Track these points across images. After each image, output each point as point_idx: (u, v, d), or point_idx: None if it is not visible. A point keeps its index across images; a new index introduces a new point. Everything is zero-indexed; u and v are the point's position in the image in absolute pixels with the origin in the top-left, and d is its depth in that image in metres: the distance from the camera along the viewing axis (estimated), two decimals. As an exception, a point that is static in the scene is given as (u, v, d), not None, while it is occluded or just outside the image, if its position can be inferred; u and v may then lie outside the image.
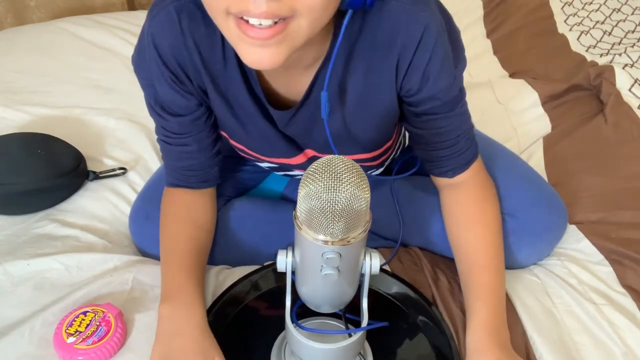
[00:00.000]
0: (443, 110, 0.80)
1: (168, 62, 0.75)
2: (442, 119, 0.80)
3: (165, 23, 0.73)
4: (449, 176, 0.87)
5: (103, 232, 1.00)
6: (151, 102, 0.82)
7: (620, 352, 0.82)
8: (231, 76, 0.76)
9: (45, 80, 1.36)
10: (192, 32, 0.73)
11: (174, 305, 0.77)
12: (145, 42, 0.76)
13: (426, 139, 0.84)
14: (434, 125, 0.81)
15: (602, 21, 1.66)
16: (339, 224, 0.56)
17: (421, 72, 0.74)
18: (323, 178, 0.55)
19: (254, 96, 0.78)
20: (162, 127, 0.83)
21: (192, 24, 0.73)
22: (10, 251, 0.94)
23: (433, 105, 0.79)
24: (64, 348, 0.76)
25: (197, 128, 0.83)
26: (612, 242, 0.98)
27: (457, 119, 0.82)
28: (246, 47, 0.61)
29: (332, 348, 0.68)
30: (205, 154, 0.86)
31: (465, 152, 0.85)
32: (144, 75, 0.80)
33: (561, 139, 1.24)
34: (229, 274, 0.91)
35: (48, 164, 1.04)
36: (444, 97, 0.78)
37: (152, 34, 0.74)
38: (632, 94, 1.31)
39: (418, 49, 0.72)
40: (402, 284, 0.86)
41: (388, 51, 0.73)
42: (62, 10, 1.79)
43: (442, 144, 0.83)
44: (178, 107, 0.80)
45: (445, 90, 0.78)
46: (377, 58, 0.74)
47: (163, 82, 0.77)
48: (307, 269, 0.63)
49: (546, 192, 0.98)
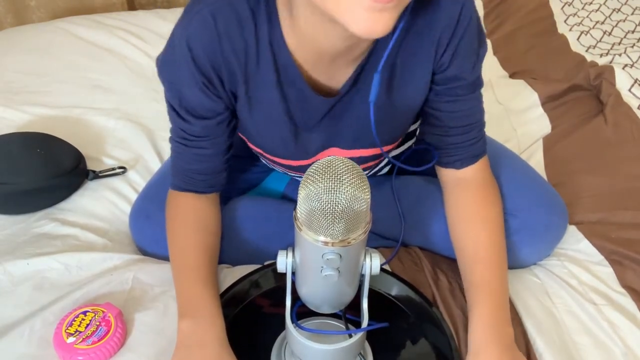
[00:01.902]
0: (463, 92, 0.82)
1: (202, 66, 0.75)
2: (461, 101, 0.83)
3: (201, 27, 0.73)
4: (456, 167, 0.88)
5: (103, 231, 1.00)
6: (174, 105, 0.81)
7: (620, 352, 0.82)
8: (265, 76, 0.76)
9: (45, 80, 1.36)
10: (228, 35, 0.73)
11: (195, 320, 0.76)
12: (175, 46, 0.75)
13: (442, 123, 0.85)
14: (452, 108, 0.84)
15: (602, 21, 1.66)
16: (339, 225, 0.56)
17: (454, 49, 0.77)
18: (323, 179, 0.55)
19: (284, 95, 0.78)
20: (182, 129, 0.82)
21: (228, 27, 0.72)
22: (10, 251, 0.94)
23: (456, 85, 0.81)
24: (63, 348, 0.76)
25: (218, 132, 0.82)
26: (612, 243, 0.98)
27: (473, 104, 0.85)
28: (361, 12, 0.59)
29: (333, 349, 0.68)
30: (219, 158, 0.85)
31: (476, 144, 0.87)
32: (170, 78, 0.79)
33: (561, 140, 1.24)
34: (229, 272, 0.91)
35: (48, 164, 1.05)
36: (467, 76, 0.81)
37: (186, 38, 0.73)
38: (632, 94, 1.31)
39: (457, 27, 0.76)
40: (402, 284, 0.86)
41: (430, 30, 0.76)
42: (62, 10, 1.79)
43: (456, 129, 0.85)
44: (205, 110, 0.80)
45: (470, 69, 0.81)
46: (420, 39, 0.76)
47: (193, 86, 0.76)
48: (307, 269, 0.63)
49: (547, 193, 0.98)
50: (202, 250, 0.84)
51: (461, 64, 0.79)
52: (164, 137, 1.23)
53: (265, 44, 0.74)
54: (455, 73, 0.80)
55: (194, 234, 0.85)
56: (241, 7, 0.72)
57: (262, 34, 0.73)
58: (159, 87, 1.37)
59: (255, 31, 0.73)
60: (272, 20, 0.73)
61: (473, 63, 0.81)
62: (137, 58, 1.47)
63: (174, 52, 0.76)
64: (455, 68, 0.79)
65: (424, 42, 0.77)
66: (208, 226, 0.88)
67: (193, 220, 0.87)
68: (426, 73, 0.80)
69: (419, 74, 0.80)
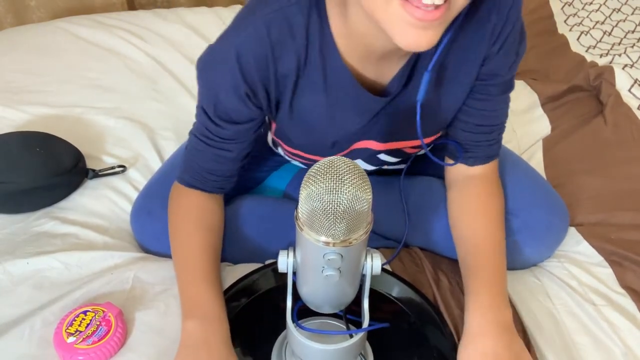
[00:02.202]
0: (495, 92, 0.84)
1: (248, 77, 0.74)
2: (492, 101, 0.84)
3: (253, 38, 0.72)
4: (469, 163, 0.89)
5: (103, 230, 1.00)
6: (207, 108, 0.80)
7: (620, 352, 0.82)
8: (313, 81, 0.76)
9: (45, 79, 1.36)
10: (280, 46, 0.73)
11: (200, 321, 0.76)
12: (221, 52, 0.75)
13: (469, 119, 0.86)
14: (482, 106, 0.84)
15: (602, 21, 1.66)
16: (341, 226, 0.56)
17: (501, 43, 0.78)
18: (325, 179, 0.55)
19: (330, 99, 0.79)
20: (208, 129, 0.82)
21: (281, 37, 0.72)
22: (10, 250, 0.93)
23: (491, 83, 0.82)
24: (64, 348, 0.76)
25: (246, 136, 0.83)
26: (611, 244, 0.98)
27: (502, 106, 0.86)
28: (407, 28, 0.61)
29: (333, 349, 0.68)
30: (237, 163, 0.86)
31: (493, 145, 0.89)
32: (209, 82, 0.78)
33: (561, 140, 1.24)
34: (230, 271, 0.91)
35: (47, 163, 1.04)
36: (504, 75, 0.82)
37: (236, 47, 0.73)
38: (631, 94, 1.31)
39: (506, 22, 0.76)
40: (403, 284, 0.86)
41: (482, 26, 0.76)
42: (62, 10, 1.79)
43: (480, 127, 0.86)
44: (240, 116, 0.80)
45: (507, 68, 0.82)
46: (471, 35, 0.77)
47: (232, 94, 0.76)
48: (308, 269, 0.63)
49: (548, 194, 0.98)
50: (205, 249, 0.84)
51: (501, 61, 0.81)
52: (163, 136, 1.23)
53: (316, 49, 0.74)
54: (493, 69, 0.81)
55: (197, 231, 0.85)
56: (295, 15, 0.72)
57: (313, 39, 0.73)
58: (158, 87, 1.39)
59: (307, 38, 0.73)
60: (323, 25, 0.73)
61: (511, 62, 0.82)
62: (137, 58, 1.47)
63: (217, 58, 0.76)
64: (495, 64, 0.80)
65: (475, 40, 0.78)
66: (211, 224, 0.87)
67: (196, 218, 0.86)
68: (474, 70, 0.81)
69: (467, 70, 0.81)
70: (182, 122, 1.27)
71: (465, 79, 0.82)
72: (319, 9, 0.72)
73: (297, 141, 0.88)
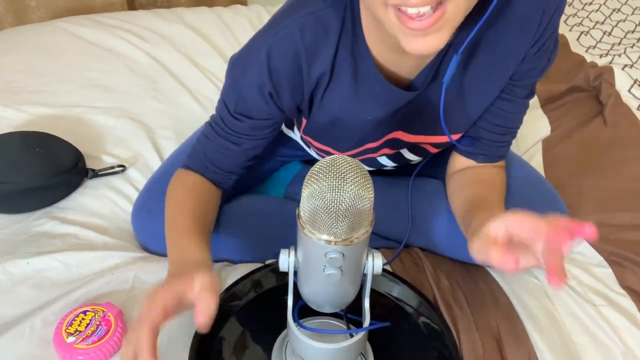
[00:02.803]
0: (521, 94, 0.84)
1: (275, 78, 0.75)
2: (514, 103, 0.85)
3: (287, 40, 0.73)
4: (478, 160, 0.90)
5: (103, 229, 1.00)
6: (228, 101, 0.81)
7: (620, 352, 0.82)
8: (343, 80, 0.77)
9: (45, 79, 1.36)
10: (313, 50, 0.73)
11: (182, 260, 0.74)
12: (253, 51, 0.75)
13: (490, 118, 0.86)
14: (505, 107, 0.85)
15: (602, 21, 1.67)
16: (343, 224, 0.56)
17: (540, 45, 0.78)
18: (327, 178, 0.55)
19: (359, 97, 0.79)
20: (224, 121, 0.83)
21: (315, 41, 0.73)
22: (10, 250, 0.93)
23: (519, 84, 0.82)
24: (63, 347, 0.76)
25: (260, 135, 0.83)
26: (611, 244, 0.98)
27: (522, 109, 0.87)
28: (408, 38, 0.62)
29: (334, 348, 0.68)
30: (239, 159, 0.86)
31: (504, 147, 0.90)
32: (236, 78, 0.79)
33: (560, 141, 1.25)
34: (231, 270, 0.91)
35: (47, 162, 1.04)
36: (533, 78, 0.82)
37: (268, 47, 0.73)
38: (631, 94, 1.31)
39: (549, 24, 0.76)
40: (403, 284, 0.86)
41: (529, 25, 0.75)
42: (62, 10, 1.79)
43: (499, 128, 0.87)
44: (259, 113, 0.80)
45: (538, 72, 0.81)
46: (512, 30, 0.76)
47: (256, 91, 0.76)
48: (310, 268, 0.63)
49: (548, 193, 0.98)
50: (194, 214, 0.82)
51: (534, 64, 0.80)
52: (163, 135, 1.24)
53: (348, 52, 0.74)
54: (525, 70, 0.81)
55: (188, 200, 0.84)
56: (330, 18, 0.72)
57: (345, 42, 0.74)
58: (158, 87, 1.39)
59: (339, 41, 0.73)
60: (355, 26, 0.73)
61: (543, 66, 0.81)
62: (137, 57, 1.47)
63: (248, 56, 0.76)
64: (528, 65, 0.80)
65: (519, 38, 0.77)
66: (204, 198, 0.87)
67: (190, 189, 0.86)
68: (512, 67, 0.80)
69: (505, 67, 0.80)
70: (182, 122, 1.27)
71: (501, 76, 0.81)
72: (353, 9, 0.72)
73: (327, 139, 0.88)
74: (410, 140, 0.89)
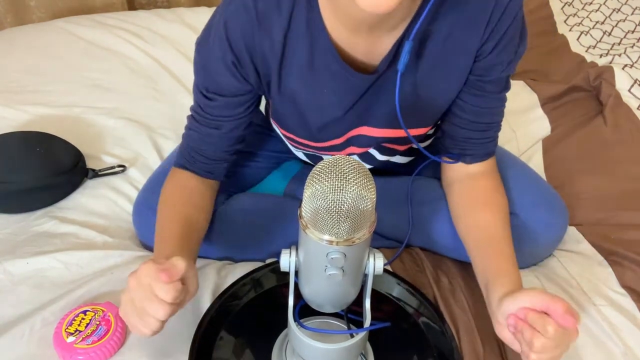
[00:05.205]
0: (491, 89, 0.83)
1: (234, 45, 0.76)
2: (487, 98, 0.84)
3: (241, 9, 0.74)
4: (467, 161, 0.89)
5: (103, 229, 1.00)
6: (199, 81, 0.82)
7: (620, 352, 0.82)
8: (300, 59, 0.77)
9: (45, 79, 1.36)
10: (266, 19, 0.74)
11: None
12: (213, 25, 0.77)
13: (464, 115, 0.85)
14: (478, 103, 0.84)
15: (602, 21, 1.67)
16: (345, 224, 0.56)
17: (498, 38, 0.77)
18: (329, 178, 0.55)
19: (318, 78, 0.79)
20: (201, 106, 0.84)
21: (267, 10, 0.74)
22: (10, 250, 0.93)
23: (487, 79, 0.81)
24: (63, 347, 0.76)
25: (236, 114, 0.83)
26: (611, 244, 0.99)
27: (498, 104, 0.86)
28: None
29: (335, 348, 0.68)
30: (225, 144, 0.86)
31: (489, 143, 0.88)
32: (203, 56, 0.80)
33: (561, 141, 1.25)
34: (231, 270, 0.91)
35: (47, 162, 1.05)
36: (500, 72, 0.81)
37: (225, 17, 0.75)
38: (631, 94, 1.31)
39: (503, 15, 0.75)
40: (403, 284, 0.86)
41: (477, 15, 0.75)
42: (62, 10, 1.79)
43: (476, 124, 0.86)
44: (230, 88, 0.81)
45: (505, 64, 0.80)
46: (463, 22, 0.76)
47: (221, 63, 0.78)
48: (311, 268, 0.63)
49: (547, 193, 0.98)
50: (179, 221, 0.82)
51: (498, 57, 0.79)
52: (163, 135, 1.24)
53: (303, 26, 0.74)
54: (490, 64, 0.80)
55: (175, 205, 0.85)
56: None
57: (299, 15, 0.74)
58: (158, 87, 1.39)
59: (292, 13, 0.74)
60: (311, 2, 0.73)
61: (510, 60, 0.80)
62: (137, 58, 1.47)
63: (209, 33, 0.78)
64: (492, 59, 0.79)
65: (469, 32, 0.76)
66: (193, 200, 0.87)
67: (180, 194, 0.86)
68: (468, 62, 0.79)
69: (461, 61, 0.79)
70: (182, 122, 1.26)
71: (458, 70, 0.81)
72: None
73: (289, 123, 0.88)
74: (375, 135, 0.88)
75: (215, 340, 0.78)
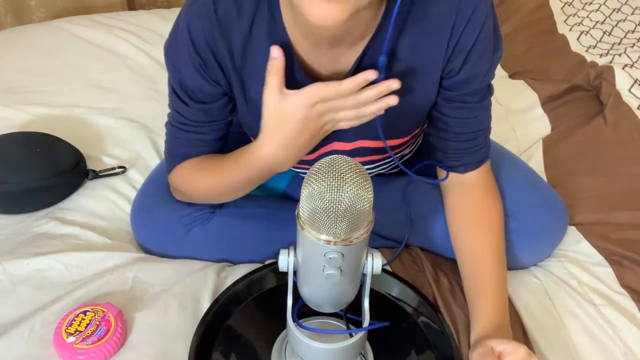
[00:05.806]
0: (473, 100, 0.81)
1: (199, 48, 0.76)
2: (471, 109, 0.82)
3: (201, 12, 0.74)
4: (460, 171, 0.87)
5: (103, 230, 1.00)
6: (175, 88, 0.82)
7: (620, 352, 0.82)
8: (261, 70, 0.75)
9: (45, 80, 1.36)
10: (226, 25, 0.74)
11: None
12: (178, 29, 0.77)
13: (449, 128, 0.84)
14: (461, 115, 0.82)
15: (602, 21, 1.67)
16: (342, 224, 0.56)
17: (465, 53, 0.75)
18: (326, 178, 0.55)
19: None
20: (181, 114, 0.83)
21: (227, 16, 0.73)
22: (10, 250, 0.93)
23: (466, 92, 0.80)
24: (63, 348, 0.76)
25: (217, 116, 0.83)
26: (611, 243, 0.99)
27: (482, 112, 0.84)
28: (311, 1, 0.61)
29: (334, 348, 0.68)
30: (220, 143, 0.86)
31: (481, 150, 0.86)
32: (172, 61, 0.80)
33: (561, 140, 1.24)
34: (230, 271, 0.91)
35: (47, 163, 1.04)
36: (479, 83, 0.79)
37: (187, 21, 0.75)
38: (631, 94, 1.31)
39: (466, 28, 0.73)
40: (403, 284, 0.86)
41: (438, 29, 0.74)
42: (62, 10, 1.79)
43: (463, 135, 0.84)
44: (203, 94, 0.80)
45: (482, 75, 0.79)
46: (426, 36, 0.74)
47: (191, 68, 0.77)
48: (309, 268, 0.63)
49: (547, 193, 0.98)
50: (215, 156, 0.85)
51: (472, 69, 0.77)
52: (163, 136, 1.23)
53: (264, 37, 0.74)
54: (466, 76, 0.78)
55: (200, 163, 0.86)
56: None
57: (260, 25, 0.73)
58: (159, 87, 1.39)
59: (253, 22, 0.73)
60: (273, 13, 0.73)
61: (486, 70, 0.79)
62: (137, 58, 1.47)
63: (175, 36, 0.77)
64: (467, 71, 0.77)
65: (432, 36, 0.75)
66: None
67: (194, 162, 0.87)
68: (434, 70, 0.78)
69: (425, 68, 0.77)
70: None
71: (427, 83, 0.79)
72: None
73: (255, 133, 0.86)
74: (348, 149, 0.87)
75: (215, 340, 0.78)
